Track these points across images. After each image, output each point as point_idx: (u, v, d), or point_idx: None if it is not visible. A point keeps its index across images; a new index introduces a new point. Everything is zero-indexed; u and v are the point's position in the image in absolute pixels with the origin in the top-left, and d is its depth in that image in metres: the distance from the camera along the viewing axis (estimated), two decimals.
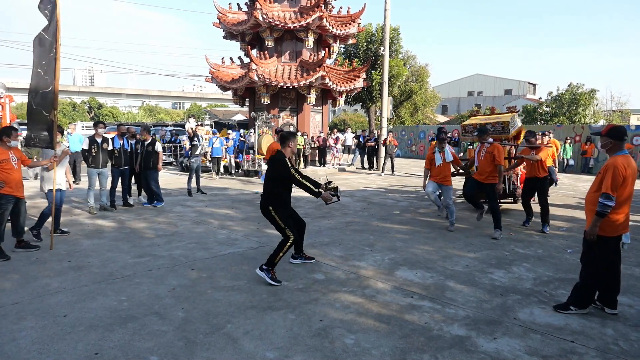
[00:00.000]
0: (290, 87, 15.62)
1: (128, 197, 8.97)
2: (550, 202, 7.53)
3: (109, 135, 8.66)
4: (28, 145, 6.13)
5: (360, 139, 19.03)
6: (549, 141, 11.15)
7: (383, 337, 3.45)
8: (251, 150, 15.05)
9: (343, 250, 5.92)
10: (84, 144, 8.22)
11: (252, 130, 15.66)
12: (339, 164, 18.54)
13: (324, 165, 17.63)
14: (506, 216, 8.23)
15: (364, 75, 17.30)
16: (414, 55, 32.83)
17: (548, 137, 11.31)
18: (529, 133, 7.57)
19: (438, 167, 7.18)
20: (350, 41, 18.60)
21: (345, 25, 16.61)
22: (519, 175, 8.86)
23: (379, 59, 23.90)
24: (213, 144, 13.74)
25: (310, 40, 16.16)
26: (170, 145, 18.79)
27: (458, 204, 9.38)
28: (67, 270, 4.93)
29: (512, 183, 8.82)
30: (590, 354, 3.26)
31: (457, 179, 10.09)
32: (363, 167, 18.43)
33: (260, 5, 15.02)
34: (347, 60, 21.61)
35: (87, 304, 4.00)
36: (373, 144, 18.28)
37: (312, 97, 15.96)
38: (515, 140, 8.93)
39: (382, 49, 18.41)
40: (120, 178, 8.75)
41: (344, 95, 17.44)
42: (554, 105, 30.58)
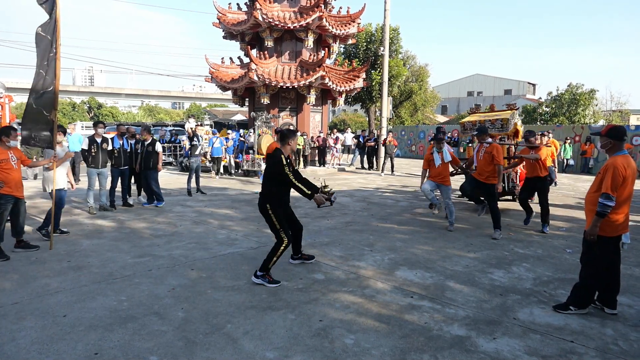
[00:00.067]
0: (290, 87, 15.61)
1: (128, 197, 8.98)
2: (550, 202, 7.52)
3: (109, 135, 8.67)
4: (27, 145, 6.12)
5: (360, 139, 19.03)
6: (548, 141, 11.16)
7: (383, 337, 3.45)
8: (251, 150, 15.05)
9: (343, 250, 5.92)
10: (83, 144, 8.22)
11: (252, 130, 15.67)
12: (339, 164, 18.53)
13: (324, 165, 17.62)
14: (506, 216, 8.24)
15: (363, 75, 17.28)
16: (414, 55, 32.88)
17: (547, 137, 11.32)
18: (529, 132, 7.55)
19: (437, 168, 7.17)
20: (350, 41, 18.58)
21: (345, 25, 16.61)
22: (519, 173, 8.85)
23: (378, 59, 23.91)
24: (213, 144, 13.76)
25: (310, 40, 16.15)
26: (170, 145, 18.79)
27: (458, 204, 9.39)
28: (67, 270, 4.93)
29: (512, 180, 8.81)
30: (589, 354, 3.26)
31: (456, 178, 10.09)
32: (363, 167, 18.43)
33: (260, 5, 15.01)
34: (347, 60, 21.60)
35: (87, 304, 4.00)
36: (373, 144, 18.28)
37: (312, 97, 15.95)
38: (514, 138, 8.92)
39: (382, 49, 18.41)
40: (119, 178, 8.75)
41: (343, 95, 17.43)
42: (554, 106, 30.59)
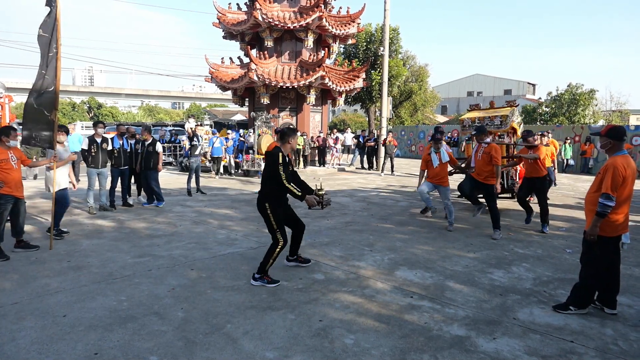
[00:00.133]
0: (290, 87, 15.61)
1: (127, 197, 8.98)
2: (550, 202, 7.52)
3: (109, 135, 8.67)
4: (28, 145, 6.12)
5: (360, 139, 19.03)
6: (547, 141, 11.16)
7: (383, 337, 3.45)
8: (251, 150, 15.06)
9: (343, 250, 5.92)
10: (83, 144, 8.21)
11: (252, 130, 15.67)
12: (339, 164, 18.52)
13: (324, 166, 17.62)
14: (505, 216, 8.24)
15: (363, 75, 17.29)
16: (414, 55, 32.89)
17: (547, 138, 11.32)
18: (527, 132, 7.55)
19: (435, 169, 7.16)
20: (350, 41, 18.58)
21: (345, 25, 16.61)
22: (518, 171, 8.84)
23: (378, 59, 23.91)
24: (213, 144, 13.76)
25: (310, 40, 16.15)
26: (170, 145, 18.79)
27: (457, 204, 9.39)
28: (67, 270, 4.93)
29: (511, 178, 8.80)
30: (589, 354, 3.26)
31: (455, 178, 10.08)
32: (363, 167, 18.43)
33: (260, 5, 15.01)
34: (347, 60, 21.60)
35: (87, 304, 4.00)
36: (373, 144, 18.28)
37: (312, 97, 15.95)
38: (513, 137, 8.91)
39: (382, 49, 18.41)
40: (119, 178, 8.75)
41: (343, 95, 17.43)
42: (554, 106, 30.62)
